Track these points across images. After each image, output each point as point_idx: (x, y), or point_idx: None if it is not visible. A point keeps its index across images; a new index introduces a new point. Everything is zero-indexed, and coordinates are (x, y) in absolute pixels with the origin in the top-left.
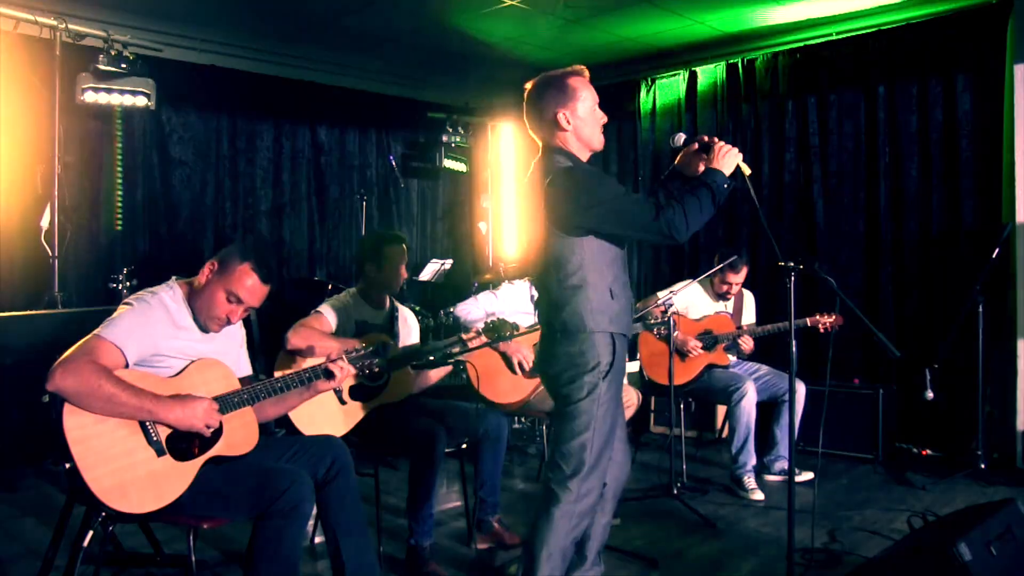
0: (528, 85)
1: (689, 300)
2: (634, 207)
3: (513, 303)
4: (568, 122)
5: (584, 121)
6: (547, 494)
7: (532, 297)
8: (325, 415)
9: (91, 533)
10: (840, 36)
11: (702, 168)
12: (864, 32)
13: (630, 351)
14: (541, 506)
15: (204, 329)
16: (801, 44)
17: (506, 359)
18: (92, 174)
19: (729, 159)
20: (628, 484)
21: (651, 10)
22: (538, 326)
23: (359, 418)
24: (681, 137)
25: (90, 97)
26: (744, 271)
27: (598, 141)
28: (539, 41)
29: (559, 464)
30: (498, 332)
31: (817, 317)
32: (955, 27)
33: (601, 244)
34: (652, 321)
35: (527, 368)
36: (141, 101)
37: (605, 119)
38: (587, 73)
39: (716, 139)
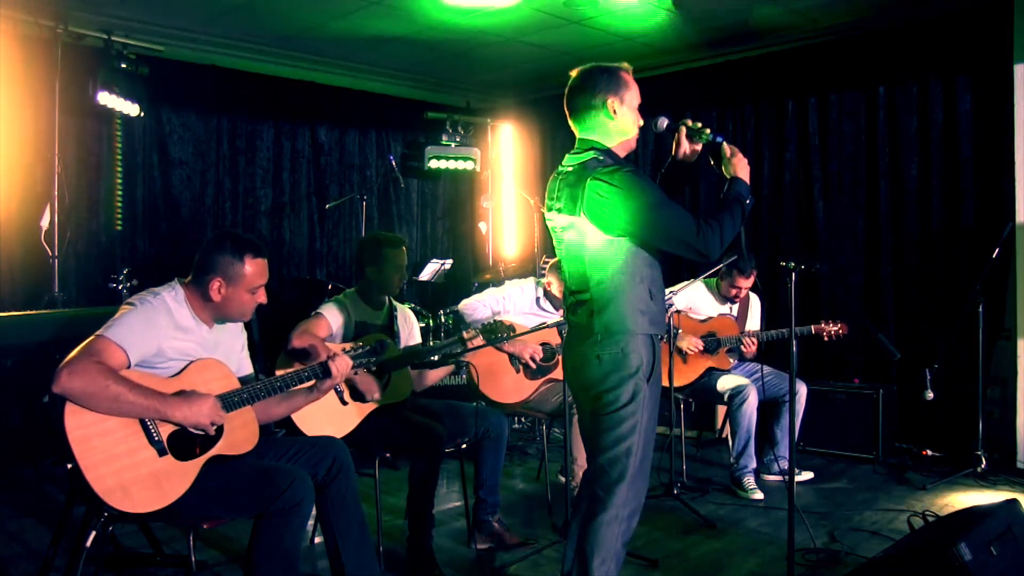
0: (575, 72)
1: (694, 300)
2: (676, 221)
3: (519, 304)
4: (615, 112)
5: (628, 115)
6: (593, 500)
7: (538, 299)
8: (326, 415)
9: (92, 533)
10: (840, 36)
11: (696, 149)
12: (864, 32)
13: None
14: (587, 512)
15: (218, 323)
16: (801, 44)
17: (511, 358)
18: (92, 174)
19: (744, 165)
20: None
21: (649, 8)
22: (544, 325)
23: (360, 419)
24: (664, 121)
25: (104, 99)
26: (753, 276)
27: (634, 138)
28: (539, 41)
29: (605, 470)
30: (495, 333)
31: (822, 325)
32: (955, 27)
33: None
34: None
35: (539, 359)
36: (134, 109)
37: (642, 122)
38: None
39: (701, 125)
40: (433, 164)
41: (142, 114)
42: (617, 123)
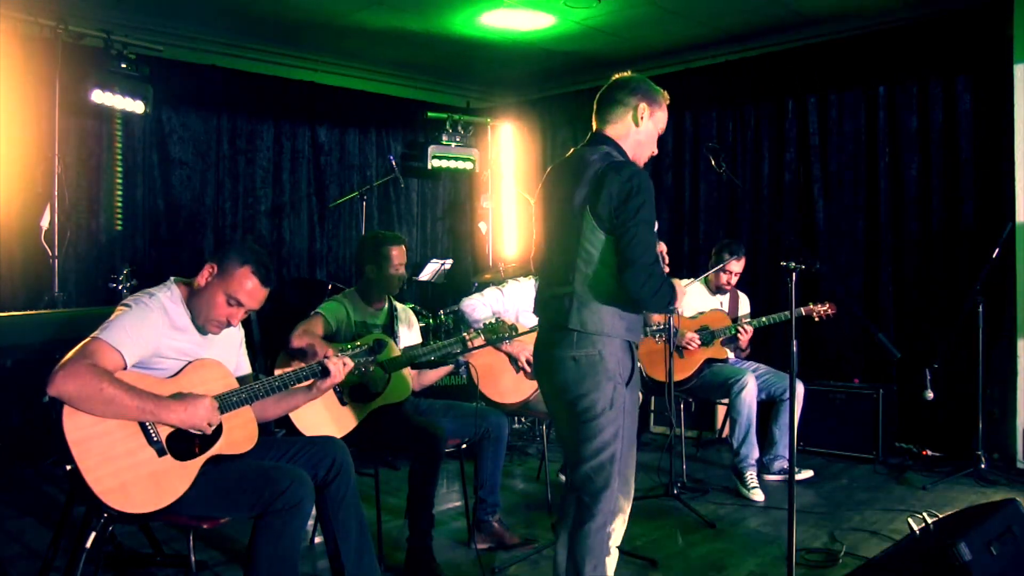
0: (620, 74)
1: (686, 298)
2: (644, 243)
3: (519, 302)
4: (641, 119)
5: (651, 131)
6: (580, 509)
7: None
8: (326, 416)
9: (92, 534)
10: (840, 36)
11: None
12: (864, 32)
13: None
14: (575, 520)
15: (202, 331)
16: (801, 44)
17: (511, 359)
18: (92, 174)
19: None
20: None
21: (652, 10)
22: None
23: (360, 419)
24: (662, 247)
25: (98, 98)
26: (743, 259)
27: (643, 159)
28: (540, 42)
29: (591, 478)
30: (497, 333)
31: (811, 306)
32: (955, 27)
33: None
34: (653, 328)
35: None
36: (140, 107)
37: (656, 151)
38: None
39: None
40: (436, 163)
41: (148, 110)
42: (638, 131)
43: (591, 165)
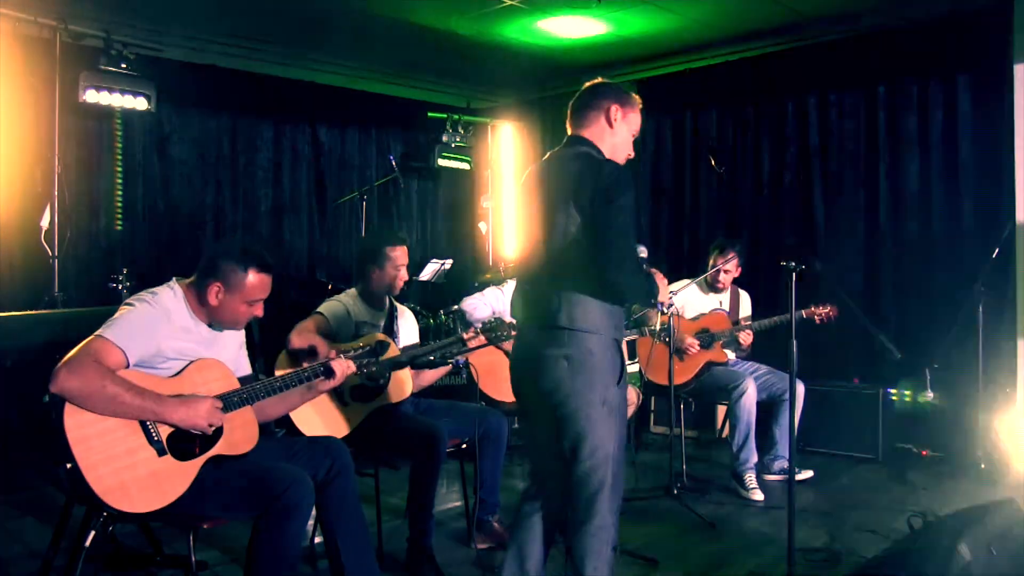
0: (592, 80)
1: (684, 299)
2: (626, 232)
3: None
4: (614, 120)
5: (625, 133)
6: (577, 513)
7: None
8: (326, 416)
9: (92, 533)
10: (840, 36)
11: None
12: (864, 32)
13: (629, 351)
14: (574, 524)
15: (213, 327)
16: (801, 44)
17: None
18: (92, 174)
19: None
20: (628, 484)
21: (654, 10)
22: None
23: (360, 419)
24: (644, 251)
25: (92, 97)
26: (737, 257)
27: (621, 162)
28: (540, 41)
29: (586, 479)
30: (496, 332)
31: (812, 309)
32: (955, 27)
33: None
34: (652, 328)
35: None
36: (142, 104)
37: (632, 155)
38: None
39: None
40: (442, 162)
41: (151, 107)
42: (613, 133)
43: (573, 163)
